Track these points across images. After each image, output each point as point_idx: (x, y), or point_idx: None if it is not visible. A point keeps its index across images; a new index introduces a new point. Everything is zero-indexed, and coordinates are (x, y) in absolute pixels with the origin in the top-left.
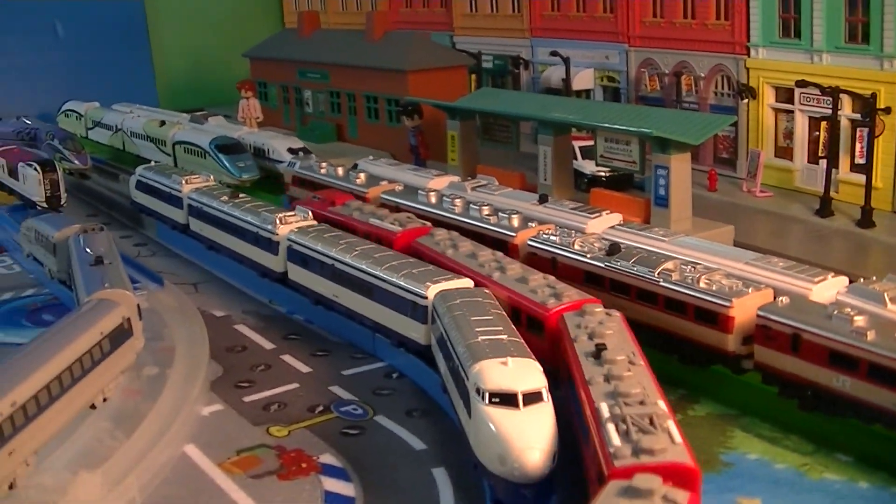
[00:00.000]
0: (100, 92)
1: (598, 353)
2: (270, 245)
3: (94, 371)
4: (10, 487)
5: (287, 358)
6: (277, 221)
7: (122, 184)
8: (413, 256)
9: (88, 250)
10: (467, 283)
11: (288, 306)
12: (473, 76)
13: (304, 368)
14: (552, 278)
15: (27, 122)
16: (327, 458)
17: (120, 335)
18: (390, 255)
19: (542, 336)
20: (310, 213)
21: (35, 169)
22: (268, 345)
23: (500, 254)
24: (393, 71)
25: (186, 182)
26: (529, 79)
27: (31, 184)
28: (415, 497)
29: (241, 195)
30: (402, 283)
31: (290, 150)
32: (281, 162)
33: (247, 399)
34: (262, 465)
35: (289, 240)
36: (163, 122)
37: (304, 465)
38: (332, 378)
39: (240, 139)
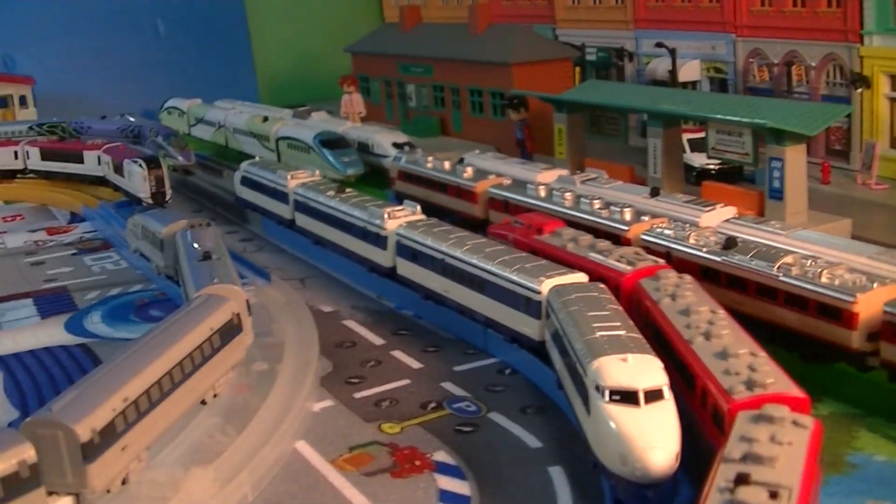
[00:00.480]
0: (201, 89)
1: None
2: (379, 240)
3: (204, 367)
4: (123, 482)
5: (398, 354)
6: (386, 216)
7: (226, 179)
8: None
9: (196, 246)
10: (582, 277)
11: (397, 301)
12: (577, 69)
13: (416, 364)
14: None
15: (131, 119)
16: (441, 456)
17: (230, 331)
18: (503, 250)
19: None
20: (418, 207)
21: (140, 166)
22: (378, 340)
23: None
24: (497, 64)
25: (292, 177)
26: (634, 71)
27: (137, 180)
28: (531, 496)
29: (347, 190)
30: (515, 277)
31: (395, 145)
32: (385, 157)
33: (358, 395)
34: (374, 462)
35: (398, 234)
36: (266, 118)
37: (417, 463)
38: (443, 374)
39: (344, 134)
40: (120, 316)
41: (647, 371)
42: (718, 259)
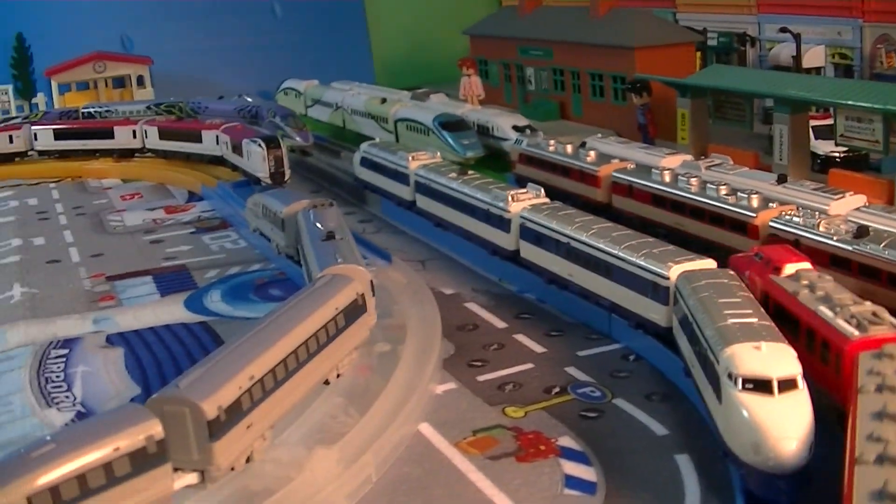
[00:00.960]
0: (317, 71)
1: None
2: (502, 222)
3: (328, 347)
4: (247, 461)
5: (520, 337)
6: (510, 199)
7: (343, 160)
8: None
9: (319, 226)
10: (710, 263)
11: (518, 285)
12: (698, 54)
13: (538, 348)
14: None
15: (248, 100)
16: (566, 441)
17: (354, 311)
18: (629, 234)
19: None
20: (542, 190)
21: (260, 145)
22: (500, 323)
23: None
24: (620, 48)
25: (413, 159)
26: (756, 56)
27: (256, 160)
28: (658, 484)
29: (470, 172)
30: (642, 263)
31: (515, 128)
32: (505, 140)
33: (480, 378)
34: (499, 446)
35: (522, 217)
36: (384, 100)
37: (542, 448)
38: (567, 359)
39: (464, 117)
40: (240, 295)
41: (780, 359)
42: (850, 248)
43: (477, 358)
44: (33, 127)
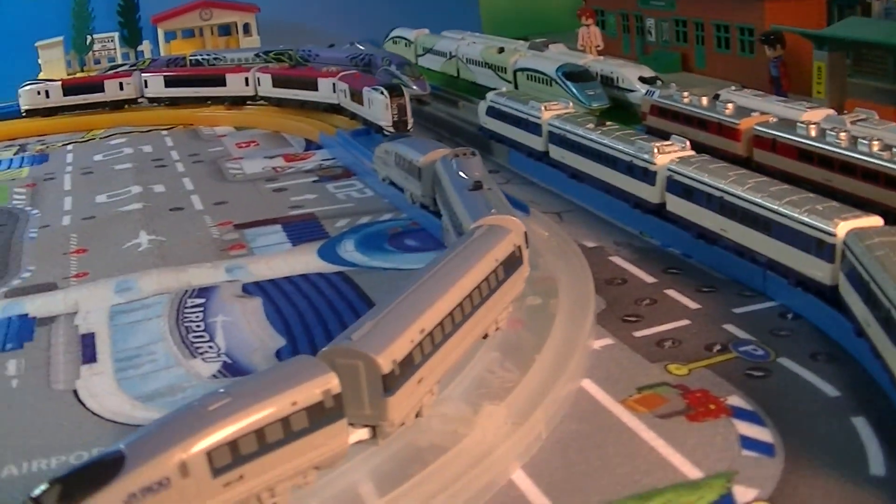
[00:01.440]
0: (422, 19)
1: None
2: (647, 175)
3: (490, 299)
4: (416, 416)
5: (671, 293)
6: (655, 150)
7: (461, 110)
8: None
9: (463, 175)
10: (877, 220)
11: (661, 239)
12: None
13: (692, 304)
14: None
15: (360, 48)
16: (735, 401)
17: (512, 262)
18: (788, 190)
19: None
20: (687, 143)
21: (383, 94)
22: (648, 278)
23: None
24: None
25: (546, 109)
26: (882, 9)
27: (378, 108)
28: (837, 446)
29: (608, 123)
30: (806, 219)
31: (642, 79)
32: (631, 91)
33: (637, 334)
34: (666, 404)
35: (669, 170)
36: (501, 49)
37: (712, 407)
38: (723, 316)
39: (587, 67)
40: (374, 244)
41: None
42: None
43: (630, 313)
44: (143, 74)
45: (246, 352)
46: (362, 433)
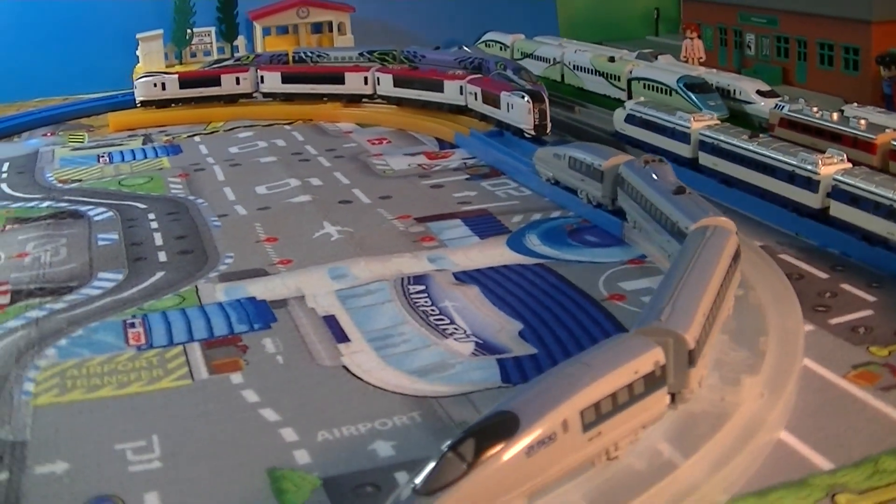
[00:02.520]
0: (501, 22)
1: None
2: (810, 183)
3: (728, 289)
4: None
5: (847, 286)
6: (819, 162)
7: (578, 114)
8: None
9: (656, 178)
10: None
11: (818, 240)
12: None
13: (869, 297)
14: None
15: (467, 51)
16: None
17: (736, 259)
18: None
19: None
20: (844, 155)
21: (525, 98)
22: (821, 274)
23: None
24: (855, 20)
25: (695, 119)
26: None
27: (520, 112)
28: None
29: (761, 135)
30: None
31: (759, 93)
32: (749, 103)
33: (832, 322)
34: (881, 379)
35: (835, 179)
36: (612, 58)
37: None
38: None
39: (706, 79)
40: (557, 239)
41: None
42: None
43: (818, 304)
44: (260, 70)
45: (490, 333)
46: (666, 397)
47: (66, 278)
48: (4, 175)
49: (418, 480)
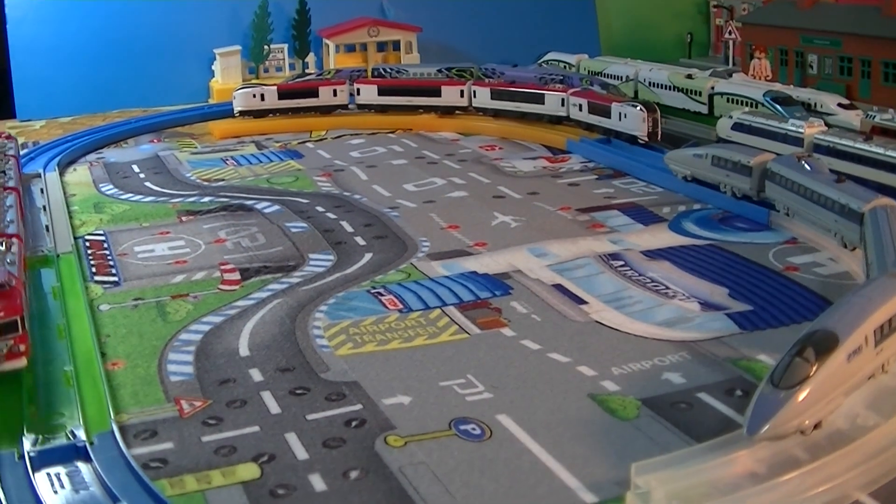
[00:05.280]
0: (547, 41)
1: None
2: None
3: None
4: None
5: None
6: None
7: (665, 124)
8: None
9: (811, 170)
10: None
11: None
12: None
13: None
14: None
15: (546, 67)
16: None
17: None
18: None
19: None
20: None
21: (639, 108)
22: None
23: None
24: None
25: (808, 126)
26: None
27: (634, 121)
28: None
29: (874, 137)
30: None
31: (840, 105)
32: (830, 114)
33: None
34: None
35: None
36: (690, 76)
37: None
38: None
39: (790, 94)
40: (710, 225)
41: None
42: None
43: None
44: (357, 83)
45: (705, 295)
46: None
47: (281, 259)
48: (142, 175)
49: (776, 379)
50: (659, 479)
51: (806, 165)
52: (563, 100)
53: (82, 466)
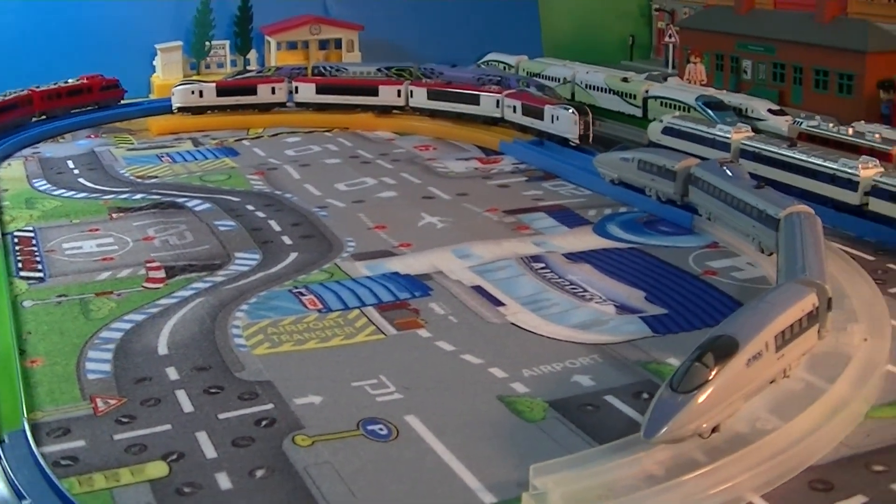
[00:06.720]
0: (489, 42)
1: None
2: (850, 184)
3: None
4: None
5: (893, 266)
6: (859, 166)
7: (600, 127)
8: None
9: (731, 175)
10: None
11: (856, 231)
12: None
13: None
14: None
15: (484, 68)
16: None
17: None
18: None
19: None
20: (877, 161)
21: (571, 111)
22: (868, 257)
23: None
24: (852, 51)
25: (735, 131)
26: None
27: (566, 123)
28: None
29: (799, 143)
30: None
31: (770, 111)
32: (760, 120)
33: (890, 290)
34: None
35: (874, 181)
36: (625, 79)
37: None
38: None
39: (721, 98)
40: (635, 228)
41: None
42: None
43: (876, 278)
44: (295, 81)
45: (622, 298)
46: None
47: (208, 257)
48: (77, 171)
49: (675, 383)
50: (556, 481)
51: (727, 171)
52: (498, 101)
53: None
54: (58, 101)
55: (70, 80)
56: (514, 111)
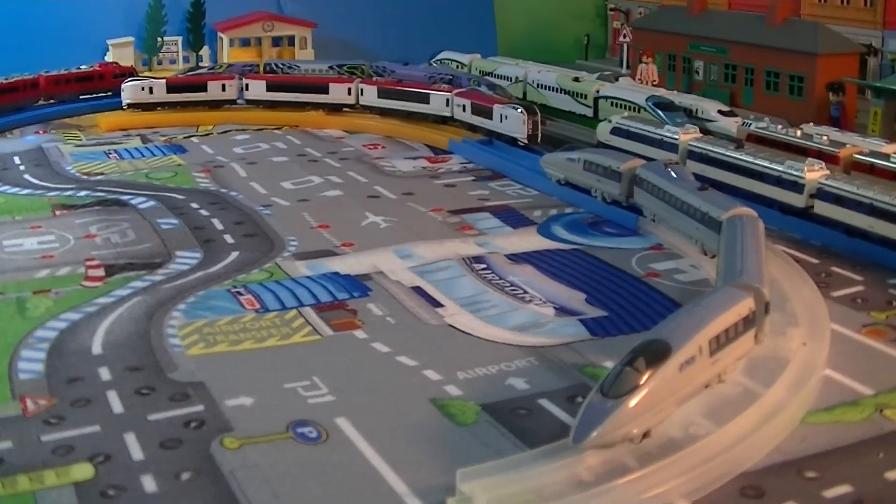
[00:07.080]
0: (442, 41)
1: None
2: (796, 186)
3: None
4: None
5: (836, 269)
6: (806, 168)
7: (550, 127)
8: None
9: (676, 177)
10: None
11: (802, 233)
12: None
13: (857, 276)
14: None
15: (436, 67)
16: None
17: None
18: None
19: None
20: (823, 164)
21: (519, 111)
22: (813, 260)
23: None
24: (802, 52)
25: (683, 132)
26: (877, 66)
27: (514, 123)
28: None
29: (745, 145)
30: None
31: (720, 112)
32: (710, 121)
33: (834, 294)
34: (889, 334)
35: (820, 183)
36: (577, 79)
37: None
38: (885, 283)
39: (672, 99)
40: (579, 229)
41: None
42: None
43: (818, 281)
44: (246, 78)
45: (562, 300)
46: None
47: (148, 256)
48: (22, 167)
49: (605, 388)
50: (482, 486)
51: (672, 173)
52: (447, 100)
53: None
54: (66, 87)
55: (83, 67)
56: (464, 110)
